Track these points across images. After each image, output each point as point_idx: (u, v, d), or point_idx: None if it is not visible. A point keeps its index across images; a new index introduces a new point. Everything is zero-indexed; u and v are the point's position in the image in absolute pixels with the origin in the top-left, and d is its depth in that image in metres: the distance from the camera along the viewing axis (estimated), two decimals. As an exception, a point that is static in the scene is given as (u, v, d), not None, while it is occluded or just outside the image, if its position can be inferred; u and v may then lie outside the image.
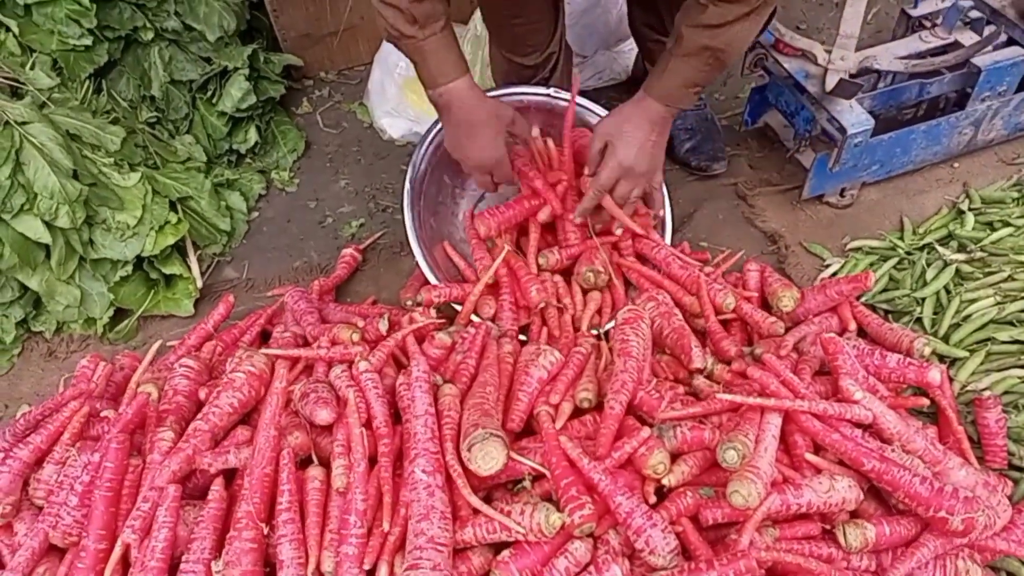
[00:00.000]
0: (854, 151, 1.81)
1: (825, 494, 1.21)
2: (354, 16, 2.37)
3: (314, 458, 1.30)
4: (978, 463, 1.38)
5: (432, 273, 1.67)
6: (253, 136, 2.19)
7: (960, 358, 1.57)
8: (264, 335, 1.71)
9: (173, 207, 1.89)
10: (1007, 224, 1.81)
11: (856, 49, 1.84)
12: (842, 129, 1.76)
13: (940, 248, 1.78)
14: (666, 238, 1.78)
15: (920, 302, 1.69)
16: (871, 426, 1.31)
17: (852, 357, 1.40)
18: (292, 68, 2.41)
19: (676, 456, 1.29)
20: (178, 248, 1.92)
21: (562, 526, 1.15)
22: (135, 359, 1.64)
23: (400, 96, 2.23)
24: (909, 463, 1.26)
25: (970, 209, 1.87)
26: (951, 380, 1.53)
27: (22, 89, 1.77)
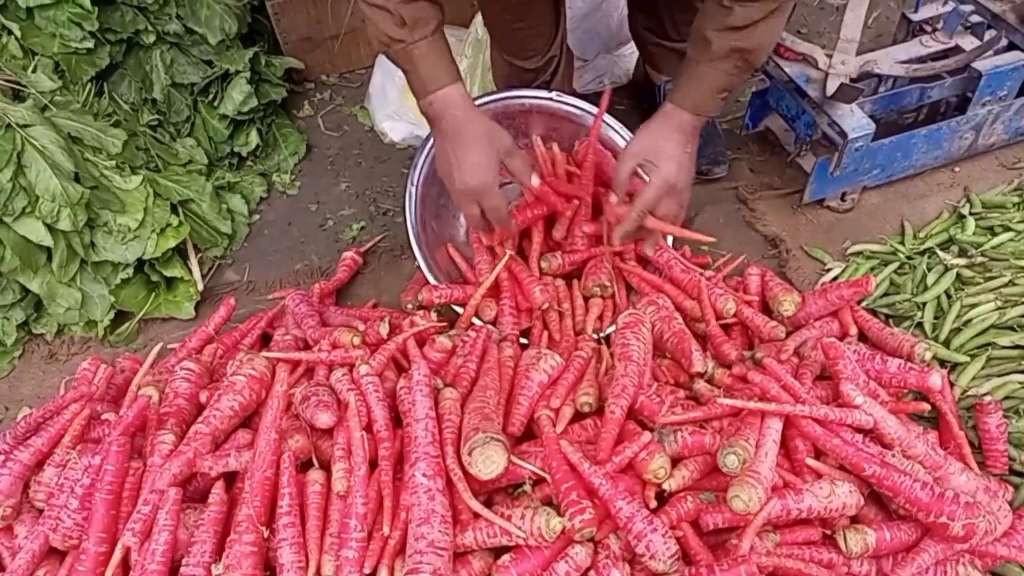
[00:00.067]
0: (855, 155, 1.81)
1: (826, 499, 1.21)
2: (355, 20, 2.37)
3: (315, 461, 1.30)
4: (979, 468, 1.38)
5: (433, 276, 1.67)
6: (254, 139, 2.19)
7: (961, 363, 1.57)
8: (265, 338, 1.71)
9: (174, 210, 1.89)
10: (1008, 229, 1.81)
11: (857, 53, 1.84)
12: (843, 133, 1.76)
13: (941, 253, 1.78)
14: (667, 241, 1.78)
15: (921, 307, 1.69)
16: (872, 431, 1.31)
17: (853, 362, 1.40)
18: (293, 71, 2.42)
19: (677, 461, 1.28)
20: (179, 251, 1.92)
21: (562, 530, 1.15)
22: (136, 362, 1.64)
23: (401, 99, 2.23)
24: (910, 468, 1.26)
25: (971, 214, 1.87)
26: (952, 385, 1.52)
27: (24, 92, 1.77)
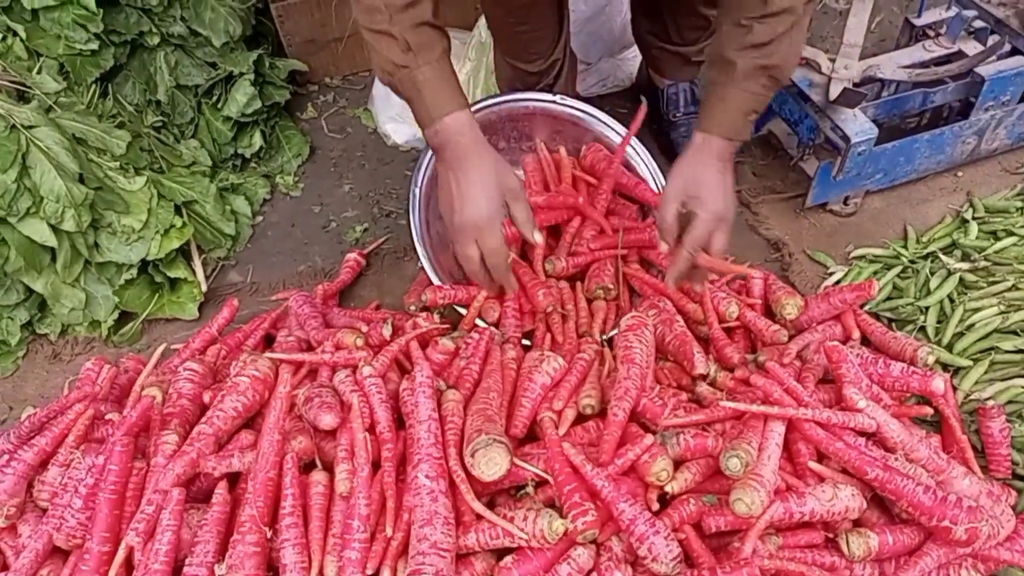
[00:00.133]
0: (858, 160, 1.82)
1: (828, 502, 1.21)
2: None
3: (318, 462, 1.30)
4: (982, 472, 1.38)
5: (437, 277, 1.67)
6: (258, 141, 2.19)
7: (964, 367, 1.57)
8: (268, 339, 1.71)
9: (178, 211, 1.89)
10: (1011, 233, 1.81)
11: (860, 58, 1.85)
12: (846, 138, 1.77)
13: (944, 257, 1.78)
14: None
15: (924, 311, 1.69)
16: (875, 435, 1.31)
17: (856, 366, 1.40)
18: (297, 73, 2.42)
19: (679, 463, 1.29)
20: (183, 252, 1.92)
21: (565, 532, 1.15)
22: (139, 362, 1.64)
23: (404, 102, 2.23)
24: (912, 472, 1.26)
25: (974, 218, 1.87)
26: (955, 389, 1.52)
27: (29, 93, 1.77)
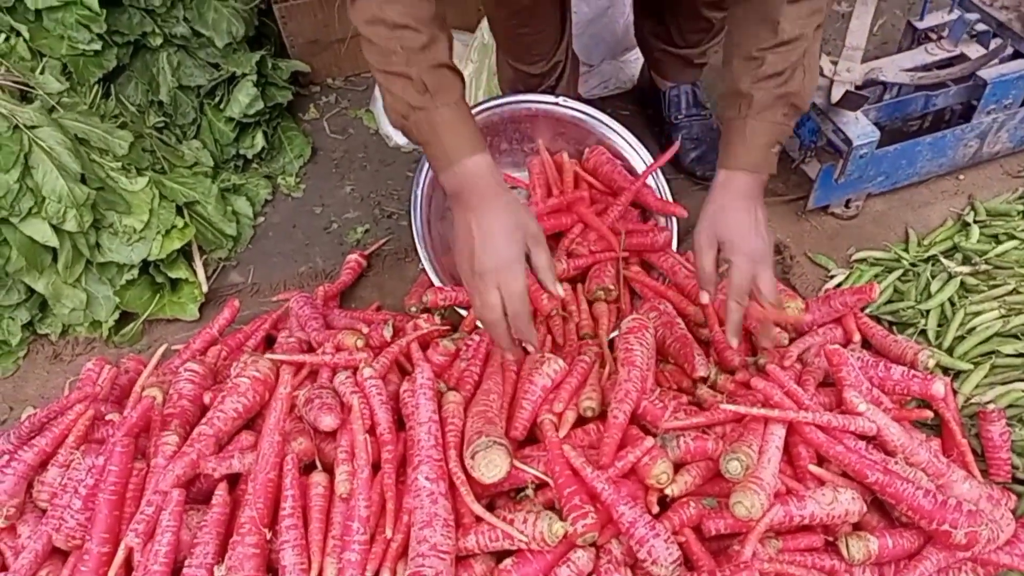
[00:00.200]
0: (859, 162, 1.81)
1: (828, 506, 1.21)
2: (362, 23, 2.37)
3: (318, 464, 1.30)
4: (982, 476, 1.37)
5: (438, 278, 1.68)
6: (260, 142, 2.20)
7: (964, 371, 1.57)
8: (269, 340, 1.71)
9: (180, 212, 1.90)
10: (1012, 237, 1.80)
11: (862, 61, 1.85)
12: (847, 140, 1.76)
13: (945, 260, 1.78)
14: (672, 246, 1.79)
15: (925, 314, 1.69)
16: (875, 438, 1.31)
17: (856, 369, 1.40)
18: (299, 74, 2.42)
19: (679, 466, 1.28)
20: (184, 252, 1.92)
21: (565, 535, 1.15)
22: (140, 363, 1.64)
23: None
24: (912, 476, 1.26)
25: (975, 221, 1.87)
26: (955, 393, 1.52)
27: (32, 93, 1.78)
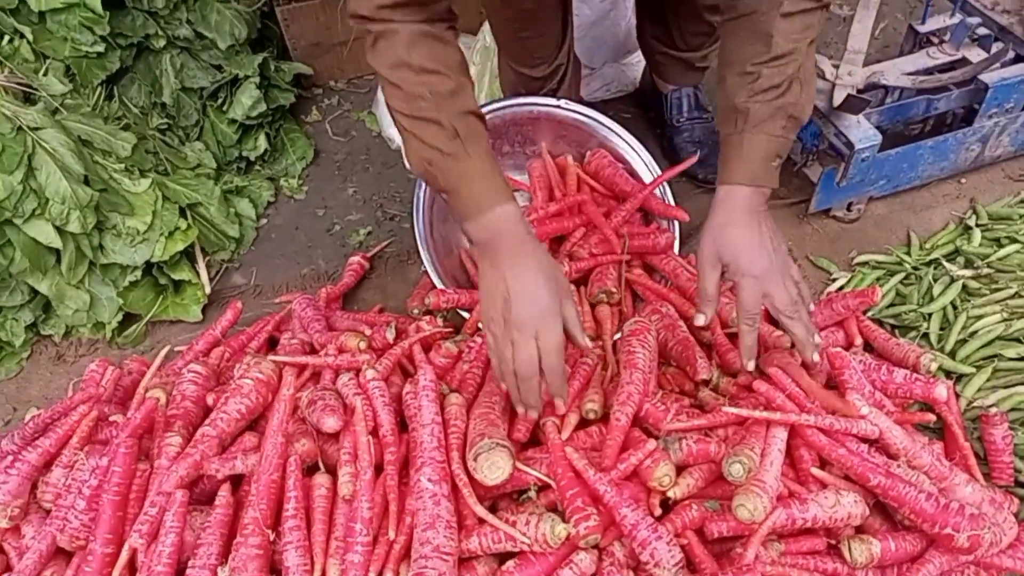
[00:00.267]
0: (861, 166, 1.82)
1: (831, 509, 1.21)
2: (365, 26, 2.38)
3: (321, 465, 1.30)
4: (984, 480, 1.38)
5: (440, 280, 1.68)
6: (263, 144, 2.20)
7: (967, 374, 1.57)
8: (272, 342, 1.71)
9: (183, 213, 1.90)
10: (1014, 240, 1.81)
11: (864, 64, 1.85)
12: (849, 144, 1.77)
13: (947, 264, 1.78)
14: (674, 249, 1.79)
15: (927, 317, 1.69)
16: (877, 441, 1.31)
17: (858, 372, 1.40)
18: (302, 76, 2.42)
19: (682, 469, 1.28)
20: (187, 254, 1.92)
21: (567, 537, 1.16)
22: (143, 364, 1.64)
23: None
24: (915, 479, 1.26)
25: (977, 225, 1.87)
26: (957, 396, 1.52)
27: (35, 95, 1.78)
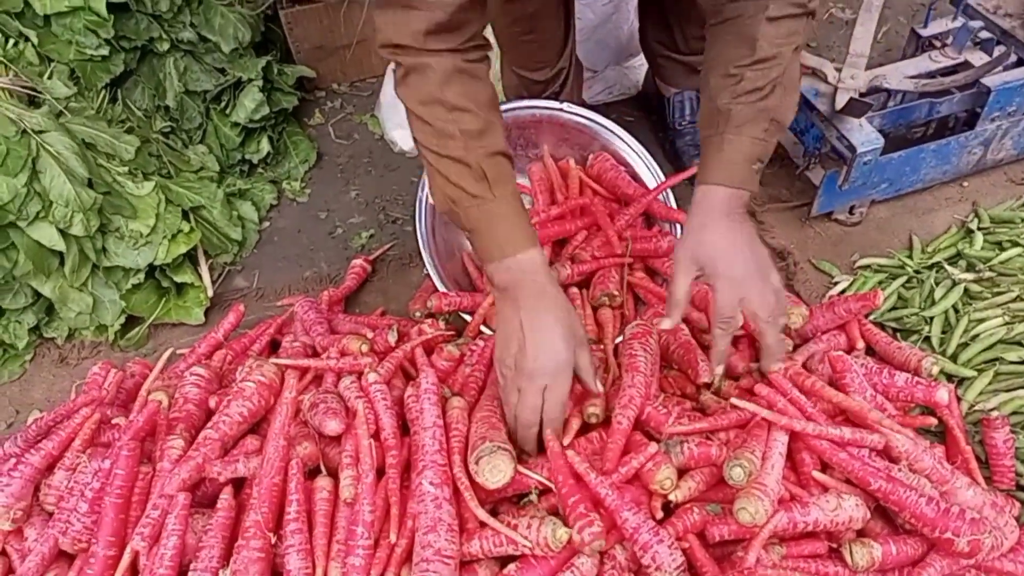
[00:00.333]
0: (863, 169, 1.82)
1: (832, 512, 1.21)
2: (367, 29, 2.38)
3: (322, 468, 1.30)
4: (986, 484, 1.37)
5: (443, 284, 1.68)
6: (265, 147, 2.21)
7: (968, 378, 1.57)
8: (274, 344, 1.71)
9: (186, 216, 1.91)
10: (1016, 244, 1.80)
11: (866, 68, 1.85)
12: (852, 147, 1.77)
13: (949, 267, 1.78)
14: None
15: (928, 321, 1.69)
16: (878, 445, 1.31)
17: (860, 375, 1.40)
18: (305, 80, 2.43)
19: (683, 472, 1.28)
20: (190, 257, 1.93)
21: (569, 540, 1.16)
22: (146, 366, 1.65)
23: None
24: (916, 483, 1.25)
25: (979, 228, 1.87)
26: (959, 399, 1.52)
27: (39, 98, 1.79)
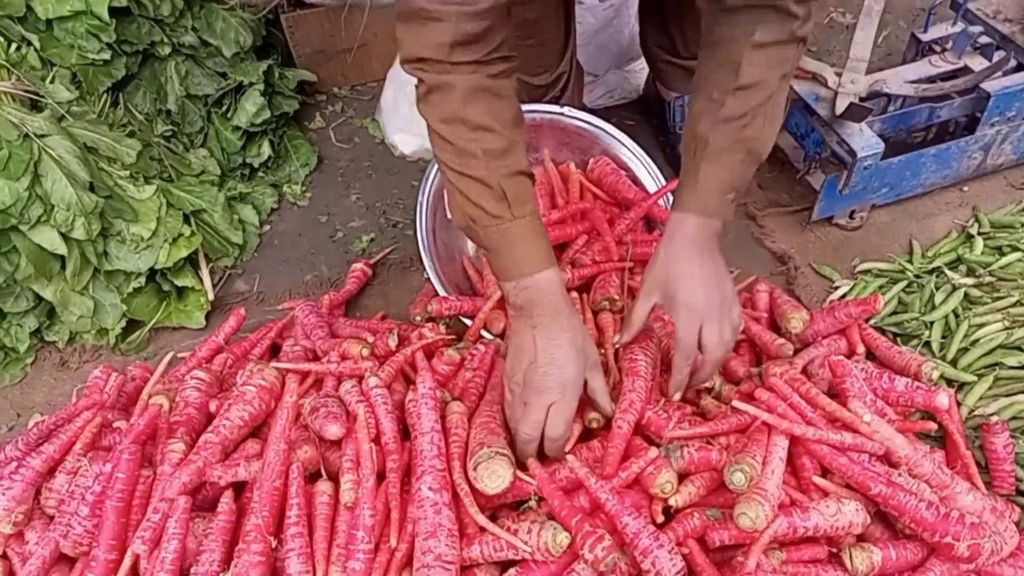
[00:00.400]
0: (864, 174, 1.82)
1: (832, 517, 1.21)
2: (368, 34, 2.39)
3: (323, 472, 1.30)
4: (986, 488, 1.38)
5: (443, 288, 1.68)
6: (266, 150, 2.21)
7: (968, 382, 1.57)
8: (274, 348, 1.72)
9: (187, 220, 1.91)
10: (1016, 249, 1.81)
11: (866, 72, 1.86)
12: (852, 152, 1.77)
13: (949, 272, 1.78)
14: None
15: (929, 326, 1.69)
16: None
17: (860, 380, 1.40)
18: (306, 83, 2.44)
19: (683, 477, 1.28)
20: (191, 260, 1.93)
21: (569, 545, 1.16)
22: (147, 370, 1.65)
23: (412, 113, 2.22)
24: (916, 487, 1.25)
25: (979, 233, 1.87)
26: (959, 404, 1.52)
27: (41, 102, 1.79)
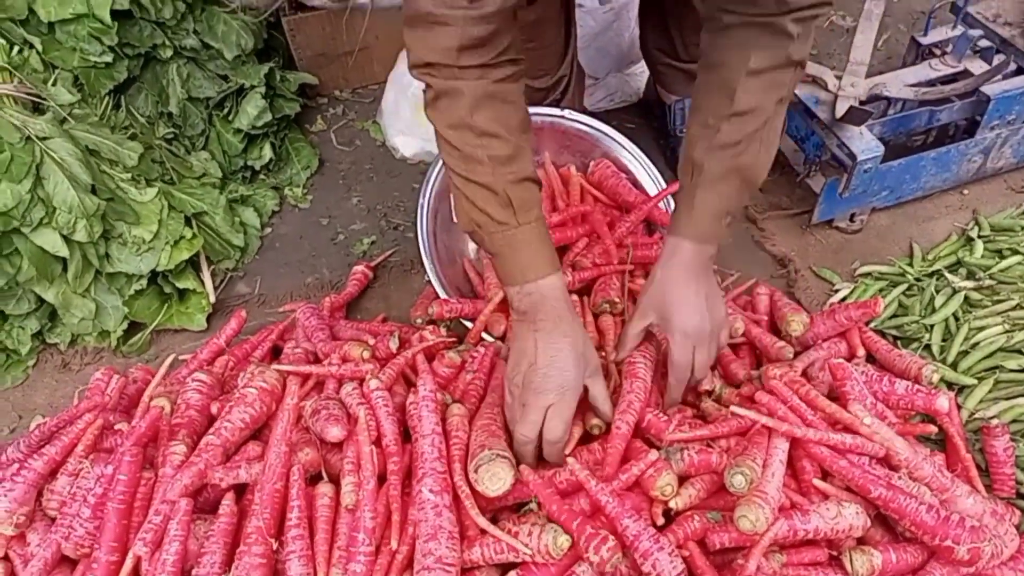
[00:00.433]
0: (864, 177, 1.82)
1: (832, 520, 1.21)
2: (369, 36, 2.40)
3: (324, 475, 1.30)
4: (986, 491, 1.38)
5: (444, 290, 1.69)
6: (268, 153, 2.21)
7: (968, 386, 1.57)
8: (275, 351, 1.72)
9: (188, 222, 1.91)
10: (1016, 252, 1.81)
11: (866, 76, 1.86)
12: (852, 155, 1.78)
13: (949, 275, 1.78)
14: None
15: (929, 329, 1.69)
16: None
17: (860, 383, 1.40)
18: (307, 86, 2.44)
19: (683, 479, 1.28)
20: (192, 263, 1.93)
21: (570, 547, 1.16)
22: (148, 372, 1.65)
23: (413, 115, 2.25)
24: (916, 490, 1.26)
25: (979, 236, 1.88)
26: (959, 407, 1.53)
27: (44, 105, 1.80)
